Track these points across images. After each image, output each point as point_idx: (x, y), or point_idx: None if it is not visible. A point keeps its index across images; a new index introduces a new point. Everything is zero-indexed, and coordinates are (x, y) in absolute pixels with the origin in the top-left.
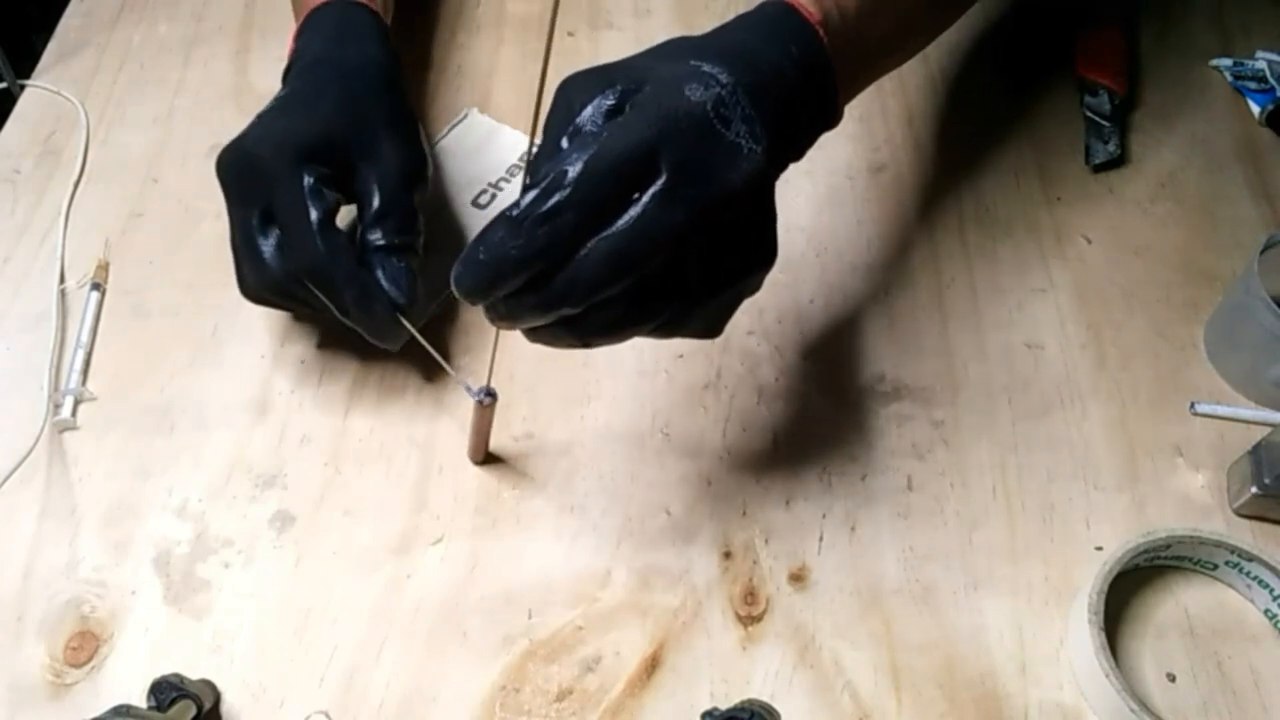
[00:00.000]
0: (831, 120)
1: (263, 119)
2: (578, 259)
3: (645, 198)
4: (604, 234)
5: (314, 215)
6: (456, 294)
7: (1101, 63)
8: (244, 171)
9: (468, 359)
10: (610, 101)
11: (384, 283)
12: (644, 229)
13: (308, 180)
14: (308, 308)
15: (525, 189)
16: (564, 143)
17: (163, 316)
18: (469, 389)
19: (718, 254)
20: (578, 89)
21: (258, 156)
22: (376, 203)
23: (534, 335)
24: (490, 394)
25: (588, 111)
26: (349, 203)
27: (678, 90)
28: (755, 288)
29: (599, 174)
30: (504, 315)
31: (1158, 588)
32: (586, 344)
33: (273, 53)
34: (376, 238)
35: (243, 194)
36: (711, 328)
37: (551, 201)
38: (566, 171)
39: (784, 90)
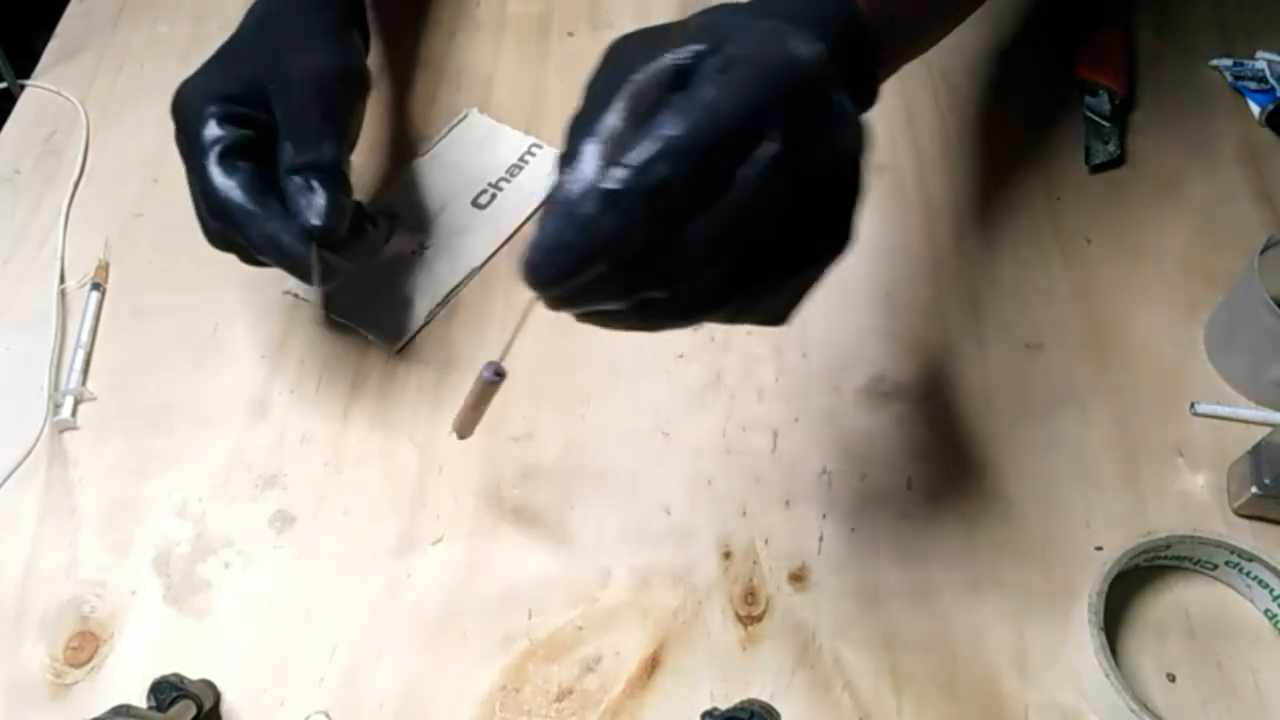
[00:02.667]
0: (870, 101)
1: (192, 74)
2: (680, 239)
3: (754, 169)
4: (712, 210)
5: (206, 147)
6: (527, 282)
7: (1101, 63)
8: (176, 132)
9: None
10: (685, 60)
11: (299, 209)
12: (754, 204)
13: (208, 113)
14: (252, 254)
15: (569, 163)
16: (618, 107)
17: (163, 316)
18: (485, 367)
19: (808, 231)
20: (635, 49)
21: (174, 109)
22: (281, 120)
23: (592, 319)
24: (500, 373)
25: (653, 73)
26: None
27: (782, 46)
28: (826, 271)
29: (709, 142)
30: (570, 301)
31: (1158, 588)
32: (652, 329)
33: None
34: (285, 160)
35: (181, 154)
36: (782, 314)
37: (656, 174)
38: (669, 139)
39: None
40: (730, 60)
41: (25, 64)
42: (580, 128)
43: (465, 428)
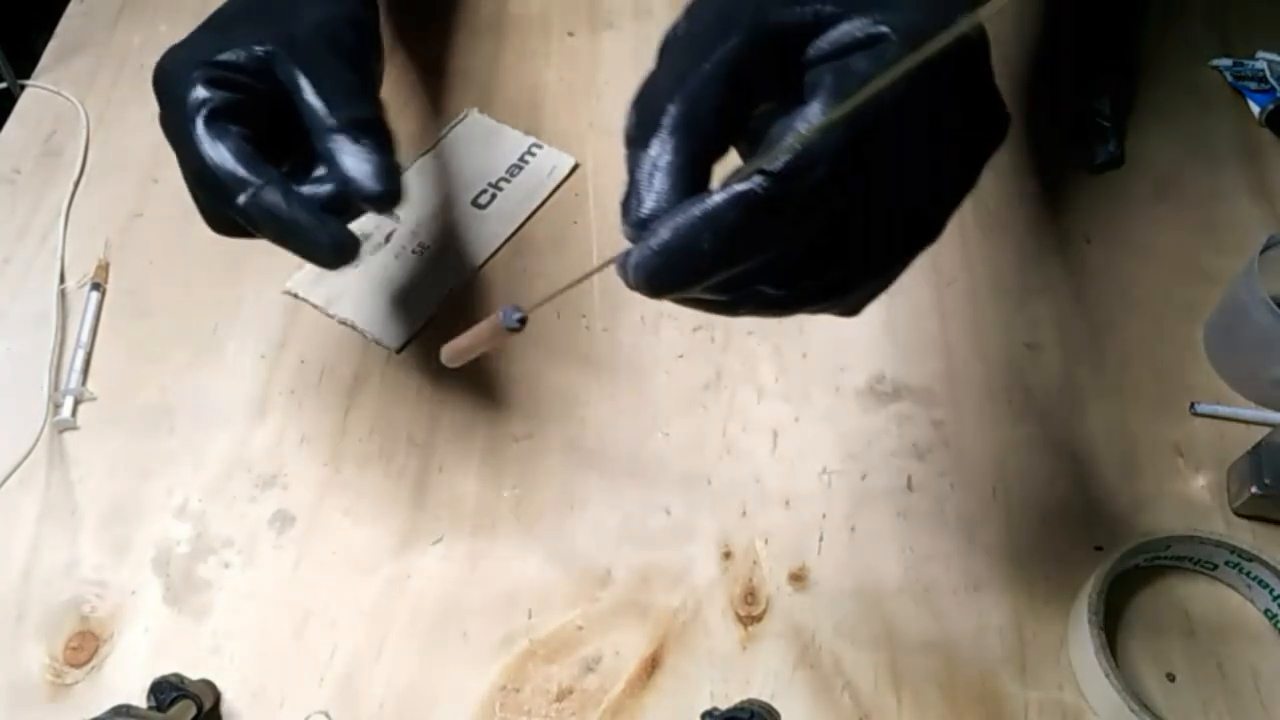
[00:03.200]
0: None
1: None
2: (809, 241)
3: (904, 162)
4: (854, 208)
5: (191, 111)
6: (638, 288)
7: (1102, 63)
8: (160, 107)
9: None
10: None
11: (349, 173)
12: (896, 203)
13: (194, 77)
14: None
15: (633, 168)
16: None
17: (163, 316)
18: (505, 309)
19: (920, 227)
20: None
21: (156, 80)
22: (302, 79)
23: (690, 303)
24: (523, 320)
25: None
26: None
27: (943, 18)
28: (907, 265)
29: (866, 137)
30: (667, 293)
31: (1158, 588)
32: (740, 315)
33: None
34: (316, 122)
35: (165, 132)
36: (858, 306)
37: (811, 181)
38: (824, 136)
39: None
40: (896, 27)
41: (25, 64)
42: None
43: (459, 357)
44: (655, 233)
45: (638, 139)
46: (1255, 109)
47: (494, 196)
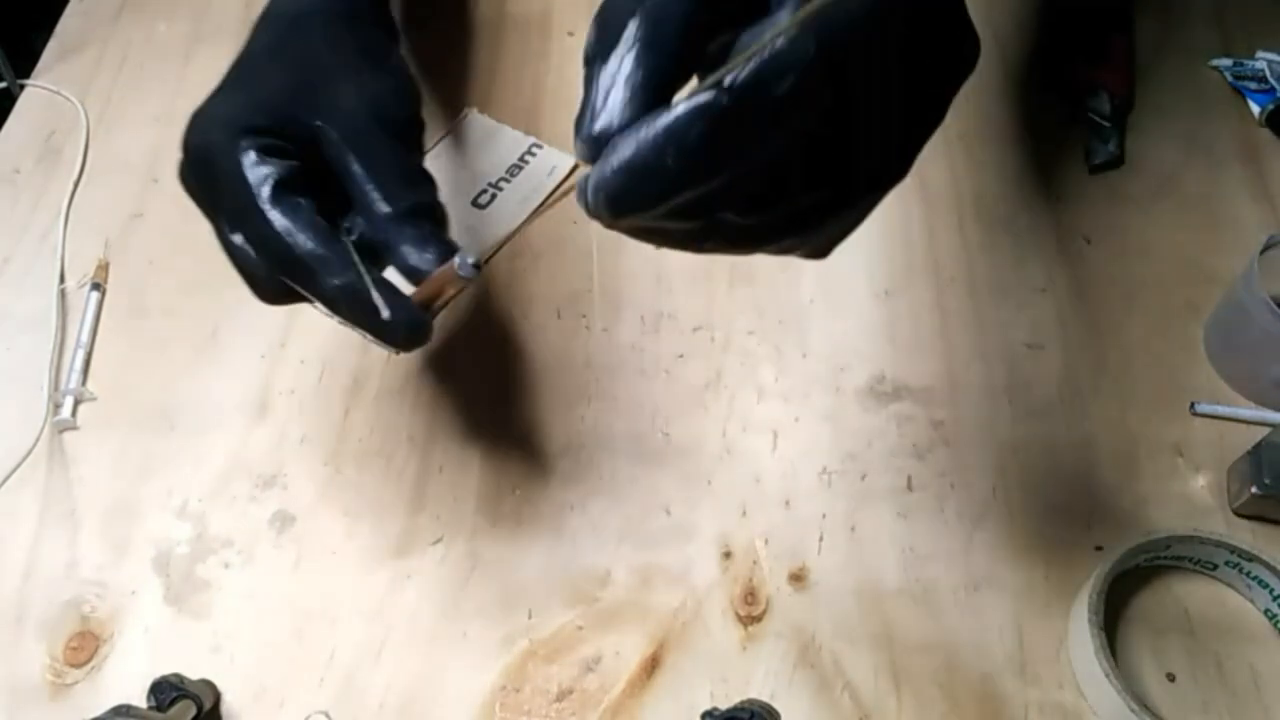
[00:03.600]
0: None
1: (206, 102)
2: (781, 160)
3: (877, 80)
4: (828, 124)
5: (255, 185)
6: (596, 210)
7: (1102, 63)
8: (194, 171)
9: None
10: None
11: (411, 261)
12: (871, 123)
13: (245, 145)
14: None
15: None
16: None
17: (163, 316)
18: (460, 255)
19: (889, 155)
20: None
21: (197, 148)
22: (355, 168)
23: (640, 234)
24: (478, 265)
25: None
26: (317, 179)
27: None
28: (874, 207)
29: (840, 46)
30: (634, 225)
31: (1158, 588)
32: (706, 252)
33: None
34: (375, 208)
35: (201, 197)
36: (826, 248)
37: (781, 88)
38: (794, 46)
39: None
40: None
41: (25, 64)
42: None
43: (423, 304)
44: (615, 149)
45: (597, 54)
46: (1255, 109)
47: (494, 196)
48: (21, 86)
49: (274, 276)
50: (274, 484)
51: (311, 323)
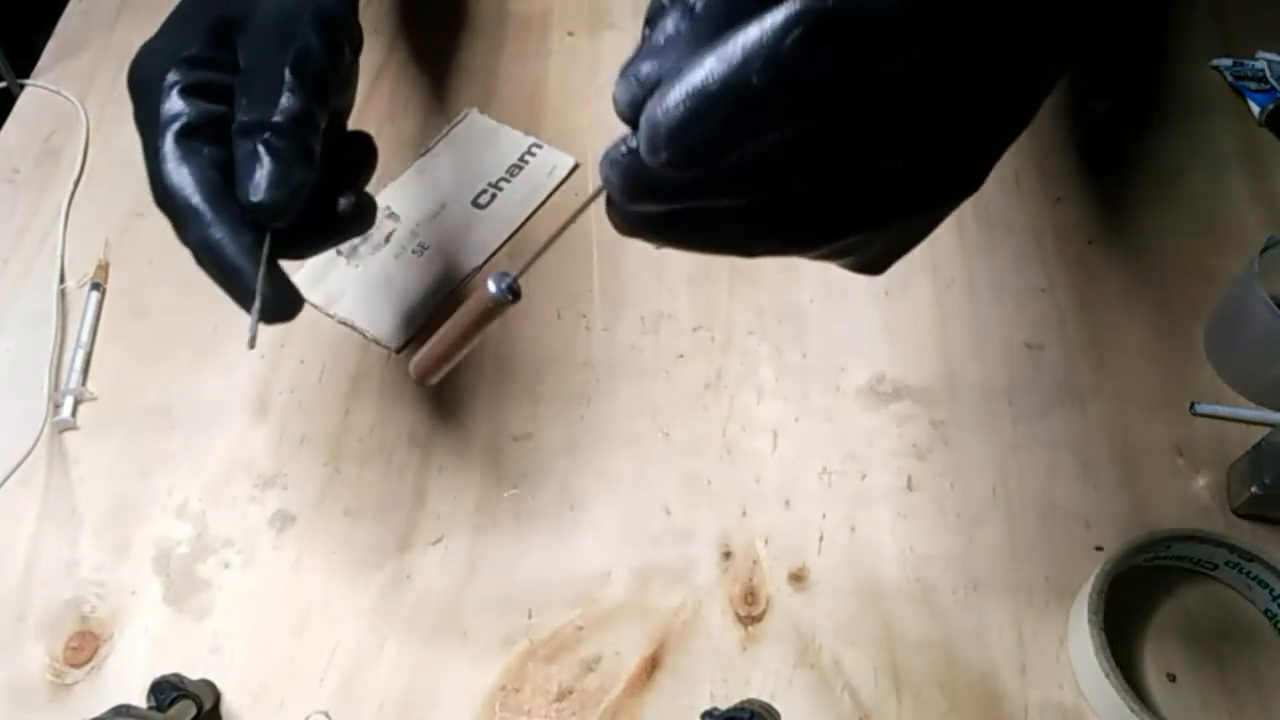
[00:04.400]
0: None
1: (150, 38)
2: (859, 118)
3: (1016, 57)
4: (915, 84)
5: (163, 124)
6: (657, 152)
7: (1101, 63)
8: (132, 103)
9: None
10: None
11: (239, 179)
12: (1002, 123)
13: (169, 83)
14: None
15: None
16: None
17: (163, 316)
18: (493, 279)
19: (969, 159)
20: None
21: (131, 83)
22: (241, 72)
23: (672, 229)
24: (514, 290)
25: None
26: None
27: None
28: (940, 220)
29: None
30: (691, 164)
31: (1158, 588)
32: (747, 250)
33: None
34: (235, 123)
35: (137, 125)
36: (883, 262)
37: (889, 6)
38: None
39: None
40: None
41: (25, 64)
42: None
43: (433, 367)
44: (680, 75)
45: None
46: (1255, 109)
47: (494, 196)
48: (21, 86)
49: (167, 217)
50: (274, 484)
51: (312, 323)
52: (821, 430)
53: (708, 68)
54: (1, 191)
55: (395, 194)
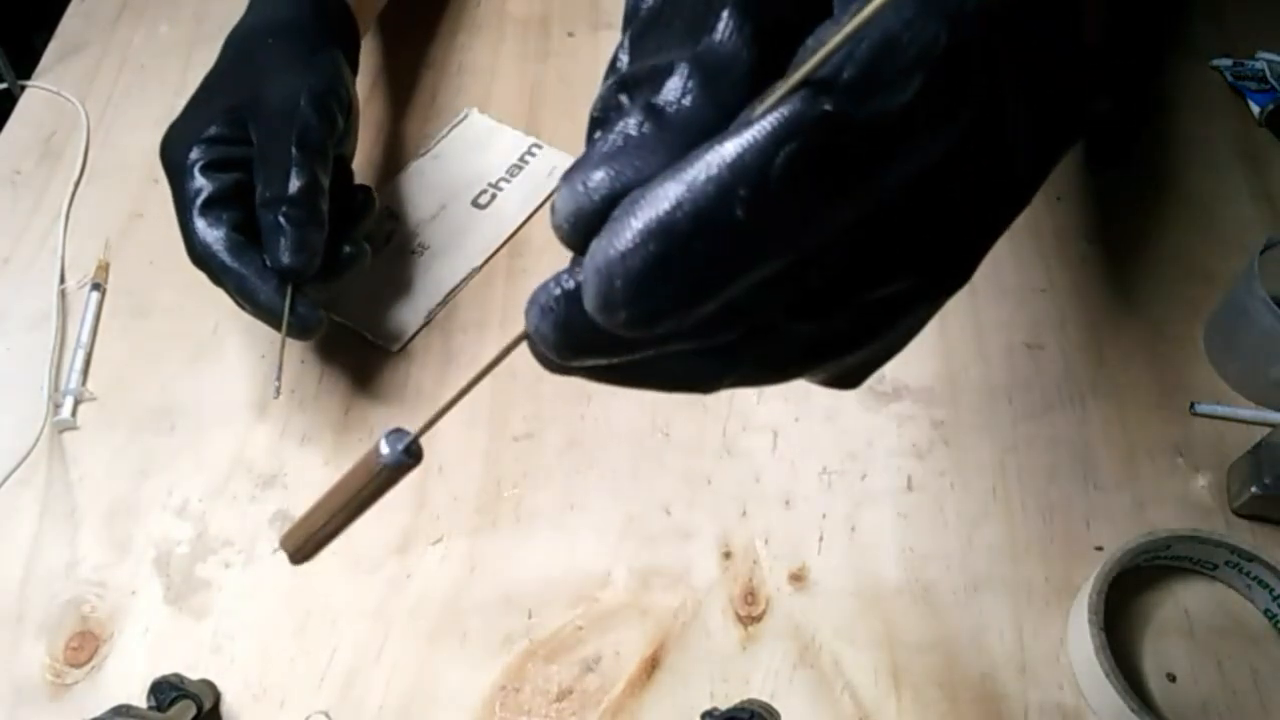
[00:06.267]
0: None
1: (174, 120)
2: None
3: (1041, 105)
4: (875, 214)
5: (188, 200)
6: (607, 316)
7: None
8: (167, 176)
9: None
10: None
11: (270, 246)
12: (924, 212)
13: (190, 162)
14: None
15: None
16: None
17: (163, 316)
18: (387, 439)
19: (950, 259)
20: None
21: (164, 163)
22: (255, 153)
23: (612, 381)
24: (413, 453)
25: None
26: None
27: None
28: (922, 327)
29: (977, 38)
30: (652, 322)
31: (1158, 588)
32: (715, 387)
33: None
34: (258, 197)
35: (172, 191)
36: (860, 375)
37: (901, 95)
38: (915, 28)
39: None
40: None
41: (25, 64)
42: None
43: (309, 543)
44: (637, 204)
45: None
46: (1255, 109)
47: (494, 196)
48: (22, 87)
49: (203, 272)
50: (274, 484)
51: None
52: (821, 430)
53: (675, 195)
54: (2, 191)
55: (395, 194)
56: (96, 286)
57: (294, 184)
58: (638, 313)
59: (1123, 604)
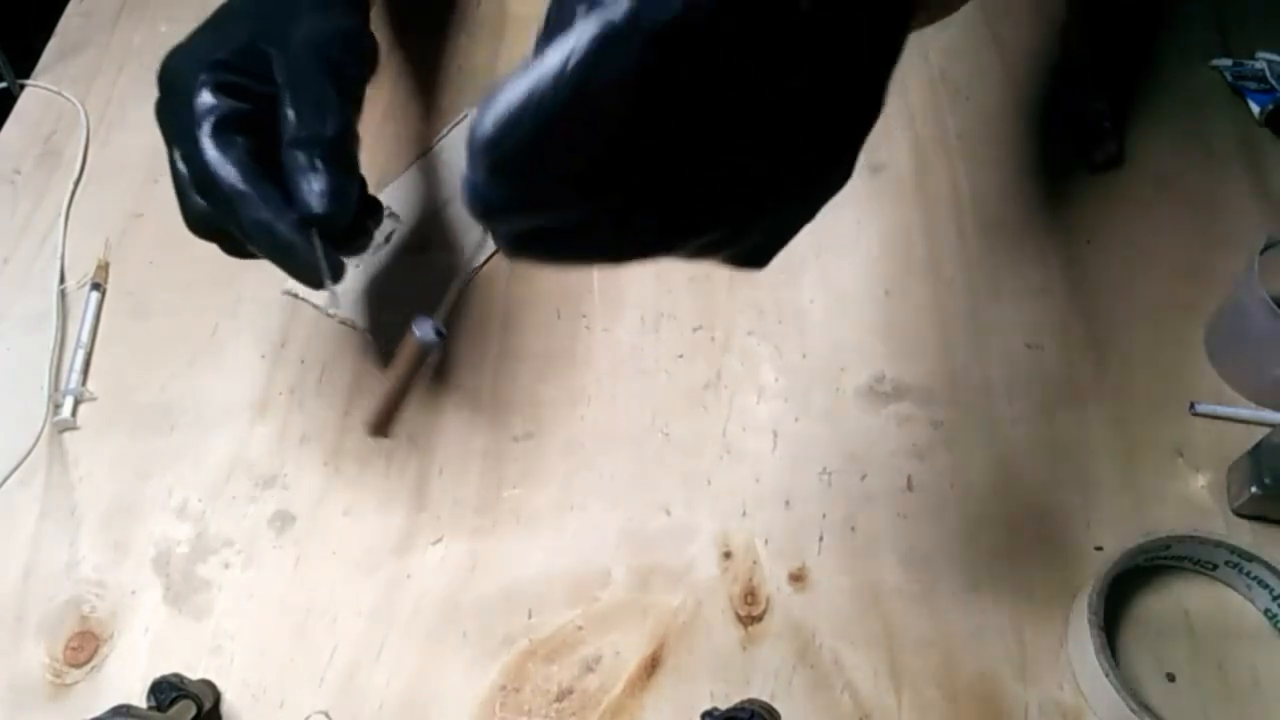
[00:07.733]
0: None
1: (183, 40)
2: (697, 123)
3: (809, 41)
4: (748, 86)
5: (199, 116)
6: (481, 166)
7: (1101, 62)
8: (160, 100)
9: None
10: None
11: (298, 190)
12: (804, 90)
13: (201, 81)
14: (240, 245)
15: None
16: None
17: (163, 316)
18: (417, 324)
19: (829, 148)
20: None
21: (162, 76)
22: (282, 88)
23: (532, 248)
24: (440, 332)
25: None
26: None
27: None
28: (820, 207)
29: None
30: (522, 203)
31: (1158, 588)
32: (611, 258)
33: None
34: (286, 132)
35: (162, 123)
36: (764, 255)
37: (704, 10)
38: None
39: None
40: None
41: (25, 64)
42: None
43: (385, 419)
44: (503, 86)
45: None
46: (1255, 109)
47: None
48: (21, 86)
49: (201, 204)
50: (274, 484)
51: (311, 322)
52: (821, 430)
53: (515, 85)
54: (2, 191)
55: (395, 194)
56: (96, 286)
57: (331, 124)
58: (488, 167)
59: (1123, 604)
